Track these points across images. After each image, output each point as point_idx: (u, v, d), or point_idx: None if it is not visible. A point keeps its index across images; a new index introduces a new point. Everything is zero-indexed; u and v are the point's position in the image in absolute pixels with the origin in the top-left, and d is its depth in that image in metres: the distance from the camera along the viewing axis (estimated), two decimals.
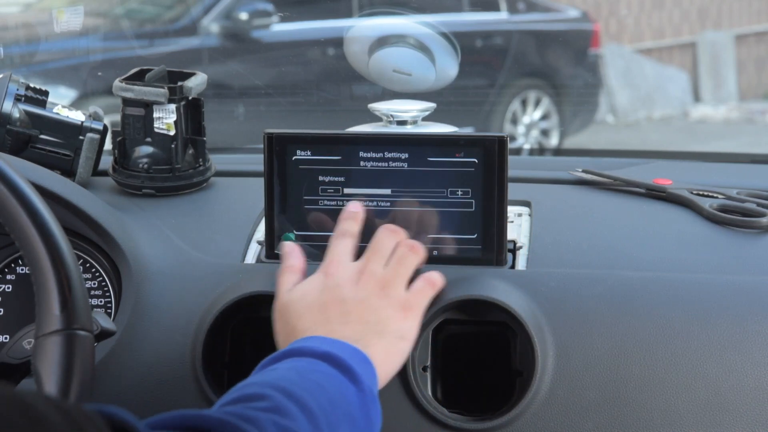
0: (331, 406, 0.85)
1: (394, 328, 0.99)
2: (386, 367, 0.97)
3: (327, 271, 1.02)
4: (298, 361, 0.91)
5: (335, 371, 0.90)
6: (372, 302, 0.99)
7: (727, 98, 8.11)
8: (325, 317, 0.98)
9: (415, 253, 1.03)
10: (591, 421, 1.03)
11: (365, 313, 0.98)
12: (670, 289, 1.08)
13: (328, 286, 1.00)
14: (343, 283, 1.00)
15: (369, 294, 0.99)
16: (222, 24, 4.63)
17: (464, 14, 4.71)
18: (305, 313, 0.99)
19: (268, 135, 1.11)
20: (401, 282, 1.01)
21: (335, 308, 0.98)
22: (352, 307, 0.98)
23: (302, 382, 0.86)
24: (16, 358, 0.96)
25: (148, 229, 1.20)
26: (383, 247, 1.03)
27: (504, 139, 1.09)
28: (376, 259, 1.02)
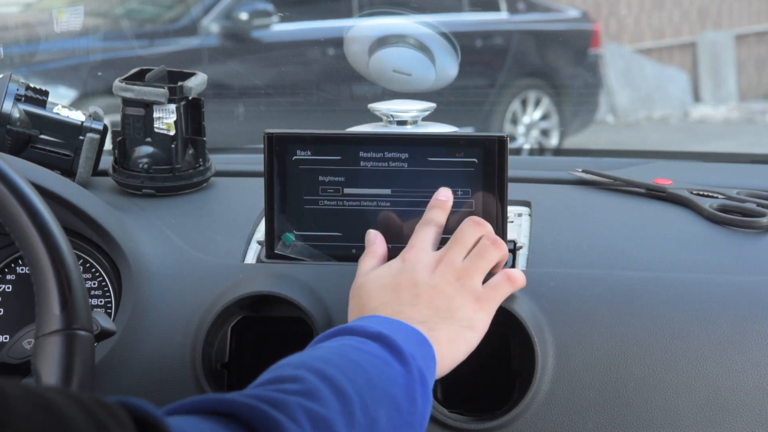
0: (369, 386, 0.83)
1: (464, 316, 0.98)
2: (450, 353, 0.96)
3: (405, 257, 1.02)
4: (347, 339, 0.90)
5: (383, 351, 0.88)
6: (445, 290, 0.98)
7: (727, 98, 8.11)
8: (396, 298, 0.98)
9: (497, 248, 1.02)
10: (591, 421, 1.03)
11: (436, 299, 0.98)
12: (670, 289, 1.08)
13: (404, 270, 1.00)
14: (420, 269, 1.00)
15: (444, 282, 0.99)
16: (222, 24, 4.64)
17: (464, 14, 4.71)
18: (377, 292, 0.99)
19: (268, 135, 1.11)
20: (479, 274, 1.01)
21: (407, 291, 0.98)
22: (424, 291, 0.98)
23: (341, 361, 0.84)
24: (16, 358, 0.96)
25: (148, 229, 1.20)
26: (466, 238, 1.02)
27: (504, 139, 1.09)
28: (456, 249, 1.01)
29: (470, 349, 0.98)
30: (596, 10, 7.51)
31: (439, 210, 1.06)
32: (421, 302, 0.97)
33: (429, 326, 0.95)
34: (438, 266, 1.00)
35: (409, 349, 0.89)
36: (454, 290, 0.99)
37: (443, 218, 1.06)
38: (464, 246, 1.02)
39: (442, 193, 1.07)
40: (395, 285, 0.99)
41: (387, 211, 1.10)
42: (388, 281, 1.00)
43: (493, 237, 1.03)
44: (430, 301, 0.98)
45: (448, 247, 1.02)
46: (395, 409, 0.85)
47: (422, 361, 0.90)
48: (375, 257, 1.04)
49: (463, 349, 0.97)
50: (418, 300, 0.98)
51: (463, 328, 0.97)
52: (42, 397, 0.58)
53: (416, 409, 0.87)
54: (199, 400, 0.74)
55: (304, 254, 1.12)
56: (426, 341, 0.93)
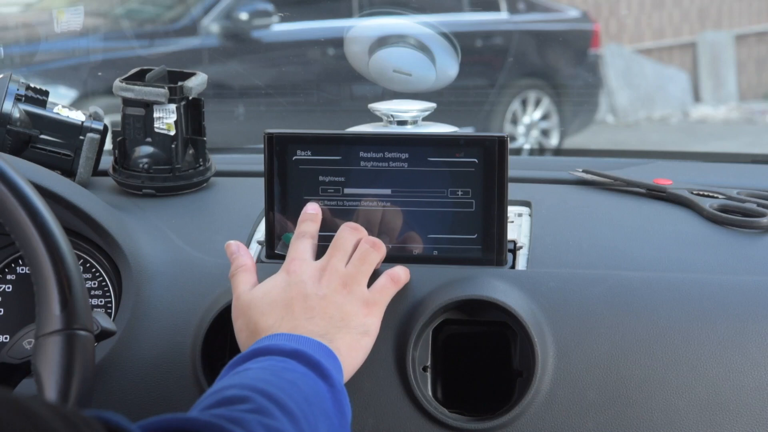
0: (307, 404, 0.86)
1: (358, 323, 0.99)
2: (350, 361, 0.98)
3: (289, 269, 1.02)
4: (269, 360, 0.91)
5: (306, 369, 0.91)
6: (335, 298, 1.00)
7: (727, 98, 8.11)
8: (290, 313, 0.98)
9: (377, 250, 1.04)
10: (591, 421, 1.03)
11: (329, 309, 0.99)
12: (670, 289, 1.08)
13: (291, 283, 1.00)
14: (306, 280, 1.00)
15: (332, 290, 1.00)
16: (222, 24, 4.63)
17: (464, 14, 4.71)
18: (269, 310, 0.99)
19: (268, 135, 1.11)
20: (363, 279, 1.02)
21: (299, 304, 0.99)
22: (316, 302, 0.99)
23: (278, 381, 0.86)
24: (16, 358, 0.96)
25: (149, 229, 1.20)
26: (345, 244, 1.04)
27: (504, 139, 1.09)
28: (338, 256, 1.03)
29: (367, 353, 1.00)
30: (596, 10, 7.51)
31: (311, 222, 1.08)
32: (316, 315, 0.98)
33: (329, 338, 0.97)
34: (323, 275, 1.01)
35: (325, 363, 0.92)
36: (344, 298, 1.00)
37: (315, 229, 1.07)
38: (345, 252, 1.03)
39: (311, 207, 1.09)
40: (286, 300, 0.99)
41: (388, 209, 1.10)
42: (278, 296, 1.00)
43: (371, 239, 1.05)
44: (323, 312, 0.99)
45: (329, 255, 1.03)
46: (330, 424, 0.88)
47: (337, 374, 0.93)
48: (248, 271, 1.04)
49: (362, 355, 1.00)
50: (312, 312, 0.98)
51: (359, 335, 0.99)
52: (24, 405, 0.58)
53: (345, 421, 0.90)
54: (167, 418, 0.76)
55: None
56: (331, 352, 0.95)
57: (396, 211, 1.10)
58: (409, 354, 1.05)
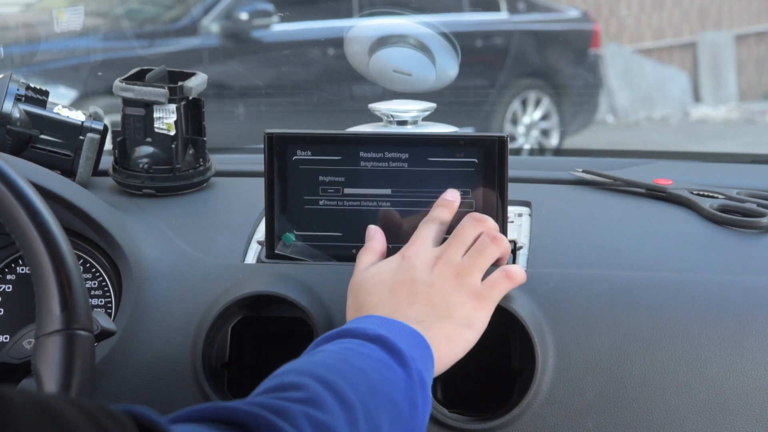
0: (371, 392, 0.83)
1: (462, 314, 0.97)
2: (447, 351, 0.95)
3: (405, 254, 1.01)
4: (348, 342, 0.89)
5: (384, 354, 0.88)
6: (443, 287, 0.98)
7: (727, 98, 8.11)
8: (393, 296, 0.97)
9: (497, 245, 1.01)
10: (591, 421, 1.03)
11: (434, 297, 0.97)
12: (670, 289, 1.08)
13: (402, 267, 1.00)
14: (418, 266, 0.99)
15: (442, 279, 0.98)
16: (222, 24, 4.64)
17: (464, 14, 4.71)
18: (375, 290, 0.99)
19: (268, 135, 1.11)
20: (477, 271, 1.00)
21: (404, 288, 0.98)
22: (422, 289, 0.98)
23: (343, 367, 0.84)
24: (16, 358, 0.96)
25: (149, 229, 1.20)
26: (465, 235, 1.02)
27: (504, 139, 1.09)
28: (455, 246, 1.01)
29: (468, 347, 0.98)
30: (596, 10, 7.51)
31: (445, 209, 1.05)
32: (419, 300, 0.97)
33: (426, 325, 0.95)
34: (437, 264, 1.00)
35: (408, 351, 0.89)
36: (453, 288, 0.98)
37: (448, 217, 1.05)
38: (463, 243, 1.01)
39: (450, 194, 1.07)
40: (393, 282, 0.99)
41: (388, 209, 1.10)
42: (386, 278, 0.99)
43: (492, 234, 1.02)
44: (427, 299, 0.97)
45: (448, 244, 1.02)
46: (397, 414, 0.85)
47: (421, 363, 0.90)
48: (373, 252, 1.04)
49: (461, 348, 0.97)
50: (415, 298, 0.97)
51: (462, 327, 0.97)
52: (48, 405, 0.58)
53: (417, 412, 0.87)
54: (202, 408, 0.74)
55: (304, 254, 1.12)
56: (424, 342, 0.93)
57: (396, 211, 1.10)
58: None
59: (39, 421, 0.56)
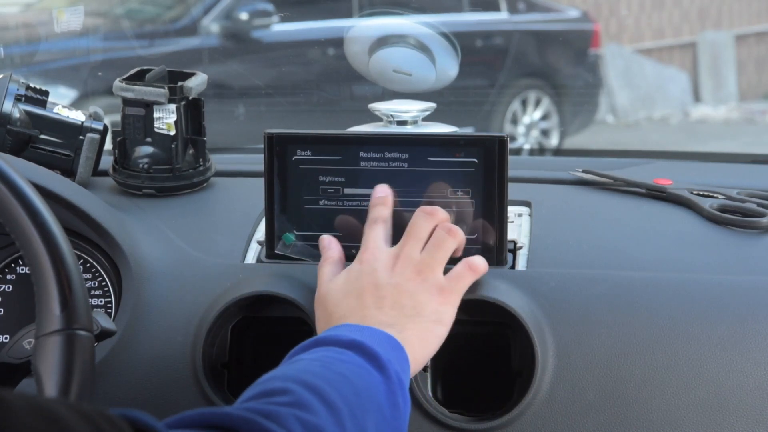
0: (355, 397, 0.84)
1: (430, 311, 0.98)
2: (421, 350, 0.96)
3: (362, 259, 1.01)
4: (325, 350, 0.90)
5: (361, 360, 0.89)
6: (408, 286, 0.98)
7: (727, 98, 8.11)
8: (361, 303, 0.98)
9: (453, 237, 1.02)
10: (591, 421, 1.03)
11: (400, 298, 0.97)
12: (670, 289, 1.08)
13: (363, 272, 1.00)
14: (379, 269, 0.99)
15: (405, 279, 0.98)
16: (222, 24, 4.64)
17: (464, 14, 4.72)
18: (342, 300, 0.99)
19: (268, 135, 1.11)
20: (438, 266, 1.00)
21: (370, 294, 0.98)
22: (387, 292, 0.98)
23: (326, 373, 0.85)
24: (16, 358, 0.96)
25: (149, 229, 1.20)
26: (420, 230, 1.02)
27: (504, 139, 1.09)
28: (412, 243, 1.01)
29: (440, 342, 0.98)
30: (596, 10, 7.51)
31: (382, 206, 1.05)
32: (386, 304, 0.97)
33: (398, 328, 0.96)
34: (396, 263, 1.00)
35: (385, 354, 0.90)
36: (417, 286, 0.98)
37: (388, 213, 1.05)
38: (419, 239, 1.01)
39: (380, 190, 1.07)
40: (358, 290, 0.99)
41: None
42: (350, 287, 0.99)
43: (447, 226, 1.02)
44: (395, 301, 0.97)
45: (404, 242, 1.02)
46: (381, 417, 0.86)
47: (398, 365, 0.91)
48: (333, 263, 1.04)
49: (434, 344, 0.98)
50: (382, 302, 0.97)
51: (432, 323, 0.98)
52: (47, 409, 0.58)
53: (399, 413, 0.88)
54: (196, 413, 0.75)
55: (304, 254, 1.12)
56: (398, 344, 0.94)
57: (396, 211, 1.10)
58: None
59: (38, 425, 0.56)
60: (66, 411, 0.59)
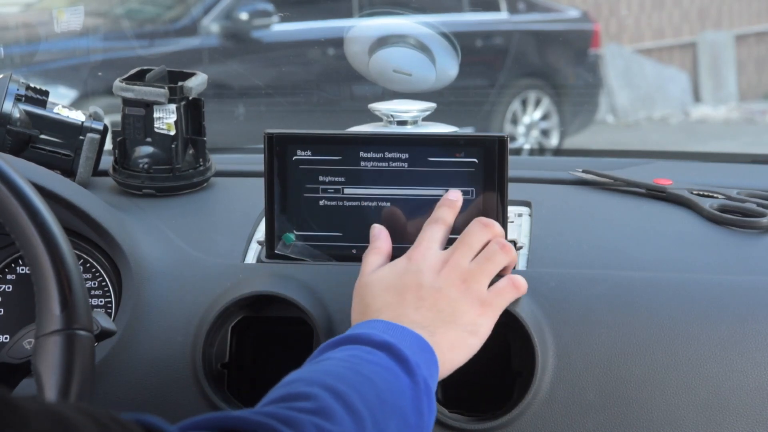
0: (379, 402, 0.83)
1: (467, 321, 0.97)
2: (450, 358, 0.95)
3: (411, 256, 1.00)
4: (354, 349, 0.89)
5: (391, 362, 0.88)
6: (449, 293, 0.97)
7: (727, 98, 8.11)
8: (399, 300, 0.97)
9: (506, 253, 1.01)
10: (591, 421, 1.03)
11: (440, 302, 0.97)
12: (670, 289, 1.08)
13: (409, 271, 0.99)
14: (425, 270, 0.98)
15: (448, 284, 0.98)
16: (222, 24, 4.64)
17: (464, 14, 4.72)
18: (381, 293, 0.98)
19: (268, 135, 1.11)
20: (485, 278, 0.99)
21: (411, 293, 0.97)
22: (428, 294, 0.97)
23: (352, 376, 0.84)
24: (16, 358, 0.96)
25: (149, 229, 1.20)
26: (474, 240, 1.01)
27: (504, 139, 1.09)
28: (463, 251, 1.00)
29: (471, 353, 0.98)
30: (596, 10, 7.51)
31: (449, 209, 1.05)
32: (425, 305, 0.96)
33: (431, 330, 0.95)
34: (444, 268, 0.99)
35: (414, 358, 0.89)
36: (459, 293, 0.98)
37: (452, 218, 1.05)
38: (471, 248, 1.01)
39: (452, 194, 1.06)
40: (400, 286, 0.98)
41: (391, 207, 1.10)
42: (393, 282, 0.99)
43: (501, 241, 1.02)
44: (433, 304, 0.97)
45: (455, 248, 1.01)
46: (404, 423, 0.85)
47: (426, 370, 0.90)
48: (380, 254, 1.03)
49: (465, 354, 0.97)
50: (421, 303, 0.97)
51: (466, 333, 0.97)
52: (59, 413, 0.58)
53: (423, 421, 0.87)
54: (211, 417, 0.74)
55: (305, 254, 1.12)
56: (429, 348, 0.93)
57: (396, 211, 1.10)
58: None
59: (50, 429, 0.56)
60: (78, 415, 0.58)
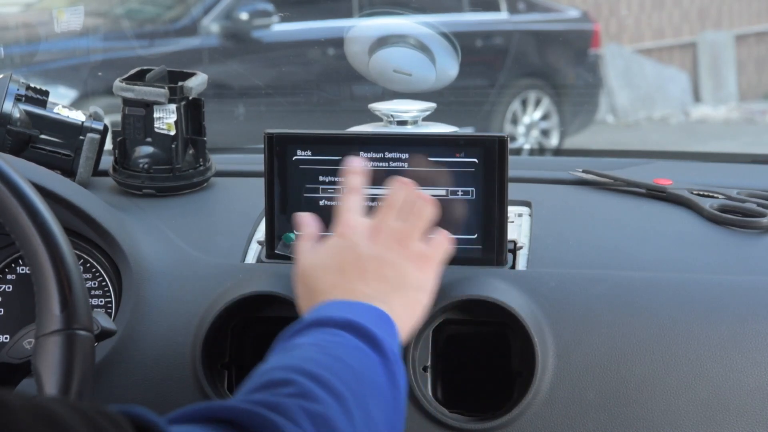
0: (356, 380, 0.84)
1: (414, 280, 0.97)
2: (407, 320, 0.96)
3: (341, 232, 1.00)
4: (320, 333, 0.89)
5: (358, 341, 0.88)
6: (389, 257, 0.97)
7: (727, 98, 8.11)
8: (344, 277, 0.97)
9: (430, 205, 1.01)
10: (591, 421, 1.03)
11: (383, 269, 0.97)
12: (670, 289, 1.08)
13: (344, 246, 0.99)
14: (359, 241, 0.98)
15: (386, 249, 0.98)
16: (222, 24, 4.64)
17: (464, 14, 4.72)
18: (323, 275, 0.98)
19: (268, 135, 1.11)
20: (418, 234, 1.00)
21: (352, 267, 0.97)
22: (369, 263, 0.97)
23: (326, 360, 0.84)
24: (16, 358, 0.96)
25: (149, 229, 1.20)
26: (396, 200, 1.01)
27: (504, 139, 1.09)
28: (389, 212, 1.00)
29: (424, 310, 0.98)
30: (596, 10, 7.51)
31: (356, 176, 1.04)
32: (370, 276, 0.97)
33: (384, 300, 0.95)
34: (376, 234, 0.99)
35: (378, 332, 0.90)
36: (398, 255, 0.98)
37: (360, 183, 1.04)
38: (396, 208, 1.01)
39: (354, 160, 1.05)
40: (340, 264, 0.98)
41: None
42: (332, 261, 0.98)
43: (424, 195, 1.02)
44: (378, 273, 0.97)
45: (381, 212, 1.01)
46: (382, 397, 0.85)
47: (390, 340, 0.90)
48: (311, 239, 1.03)
49: (419, 312, 0.98)
50: (366, 274, 0.97)
51: (416, 292, 0.98)
52: (46, 408, 0.58)
53: (399, 391, 0.88)
54: (199, 408, 0.74)
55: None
56: (386, 317, 0.93)
57: None
58: (410, 354, 1.05)
59: (36, 425, 0.56)
60: (65, 410, 0.58)
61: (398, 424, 0.87)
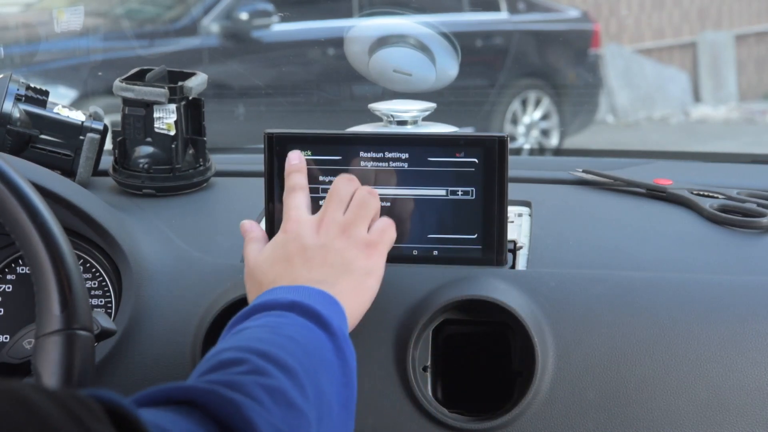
0: (306, 357, 0.85)
1: (360, 266, 0.99)
2: (355, 305, 0.97)
3: (286, 228, 1.02)
4: (267, 316, 0.90)
5: (304, 320, 0.90)
6: (334, 245, 0.99)
7: (727, 98, 8.11)
8: (289, 267, 0.98)
9: (375, 197, 1.03)
10: (591, 421, 1.03)
11: (328, 256, 0.98)
12: (670, 289, 1.08)
13: (289, 240, 1.00)
14: (304, 233, 1.00)
15: (331, 238, 0.99)
16: (222, 24, 4.64)
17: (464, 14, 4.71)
18: (270, 268, 0.99)
19: (268, 135, 1.11)
20: (362, 223, 1.01)
21: (298, 257, 0.98)
22: (315, 253, 0.98)
23: (275, 338, 0.86)
24: (16, 358, 0.96)
25: (149, 229, 1.21)
26: (342, 193, 1.03)
27: (504, 139, 1.09)
28: (335, 205, 1.02)
29: (373, 295, 0.99)
30: (596, 10, 7.51)
31: (298, 173, 1.06)
32: (315, 264, 0.98)
33: (329, 283, 0.96)
34: (321, 226, 1.00)
35: (324, 311, 0.91)
36: (343, 243, 0.99)
37: (305, 180, 1.06)
38: (342, 201, 1.02)
39: (294, 156, 1.07)
40: (286, 255, 0.99)
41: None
42: (278, 254, 1.00)
43: (367, 188, 1.03)
44: (323, 261, 0.98)
45: (326, 206, 1.02)
46: (332, 373, 0.87)
47: (339, 320, 0.91)
48: (257, 241, 1.04)
49: (368, 297, 0.99)
50: (311, 263, 0.98)
51: (363, 277, 0.98)
52: (19, 394, 0.58)
53: (348, 368, 0.89)
54: (161, 388, 0.75)
55: None
56: (333, 299, 0.94)
57: (396, 211, 1.10)
58: (409, 354, 1.05)
59: (11, 410, 0.56)
60: (38, 395, 0.59)
61: (350, 400, 0.88)
